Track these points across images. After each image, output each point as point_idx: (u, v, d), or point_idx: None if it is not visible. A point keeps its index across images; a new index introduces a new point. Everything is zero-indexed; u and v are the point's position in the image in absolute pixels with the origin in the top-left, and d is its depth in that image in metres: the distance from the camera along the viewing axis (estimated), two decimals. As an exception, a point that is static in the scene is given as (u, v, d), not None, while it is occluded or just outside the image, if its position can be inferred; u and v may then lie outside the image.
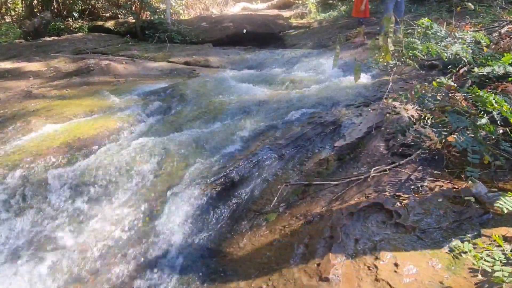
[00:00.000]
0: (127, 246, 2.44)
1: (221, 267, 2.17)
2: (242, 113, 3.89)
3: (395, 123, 3.06)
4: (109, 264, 2.37)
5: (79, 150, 3.17)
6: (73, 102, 4.42)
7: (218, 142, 3.26)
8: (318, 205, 2.31)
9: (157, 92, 4.74)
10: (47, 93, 5.03)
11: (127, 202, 2.71)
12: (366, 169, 2.51)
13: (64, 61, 7.45)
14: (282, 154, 2.97)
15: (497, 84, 2.91)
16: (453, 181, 2.12)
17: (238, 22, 11.58)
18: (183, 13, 16.22)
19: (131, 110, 4.08)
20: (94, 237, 2.51)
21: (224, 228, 2.46)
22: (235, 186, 2.69)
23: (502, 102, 2.12)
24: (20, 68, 6.91)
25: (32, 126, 3.62)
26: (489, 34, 4.57)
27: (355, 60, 4.04)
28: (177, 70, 7.10)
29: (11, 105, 4.36)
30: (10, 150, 3.17)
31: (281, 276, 1.85)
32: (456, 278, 1.53)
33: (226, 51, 8.86)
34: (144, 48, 9.48)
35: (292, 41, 10.80)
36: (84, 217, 2.70)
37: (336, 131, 3.24)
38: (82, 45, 9.53)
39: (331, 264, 1.73)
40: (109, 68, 6.78)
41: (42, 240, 2.55)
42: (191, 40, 10.76)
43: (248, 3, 18.63)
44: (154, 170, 2.94)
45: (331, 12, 14.40)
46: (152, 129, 3.67)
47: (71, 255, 2.43)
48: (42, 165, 2.95)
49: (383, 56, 3.54)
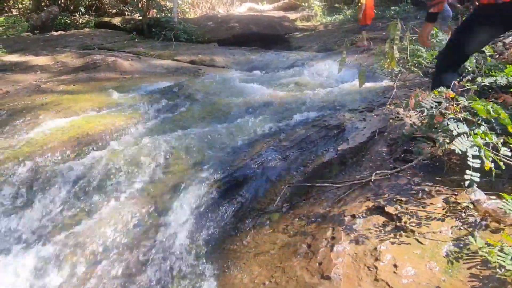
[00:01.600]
0: (133, 240, 2.50)
1: (225, 264, 2.23)
2: (248, 114, 3.96)
3: (398, 129, 3.13)
4: (114, 257, 2.43)
5: (88, 145, 3.24)
6: (81, 97, 4.50)
7: (223, 142, 3.33)
8: (320, 207, 2.37)
9: (163, 90, 4.81)
10: (55, 87, 5.11)
11: (134, 197, 2.78)
12: (368, 173, 2.57)
13: (71, 56, 7.55)
14: (286, 155, 3.03)
15: (500, 95, 2.97)
16: (452, 188, 2.18)
17: (244, 23, 11.67)
18: (189, 11, 16.32)
19: (138, 107, 4.16)
20: (99, 230, 2.56)
21: (229, 225, 2.52)
22: (240, 185, 2.76)
23: (499, 110, 2.18)
24: (28, 62, 7.00)
25: (41, 120, 3.70)
26: (494, 43, 4.63)
27: (360, 65, 4.10)
28: (182, 69, 7.18)
29: (20, 98, 4.44)
30: (20, 143, 3.24)
31: (283, 274, 1.91)
32: (453, 281, 1.59)
33: (231, 51, 8.94)
34: (150, 45, 9.58)
35: (298, 43, 10.89)
36: (91, 210, 2.76)
37: (339, 135, 3.31)
38: (88, 41, 9.63)
39: (332, 264, 1.79)
40: (115, 65, 6.86)
41: (50, 230, 2.61)
42: (196, 39, 10.85)
43: (254, 3, 18.71)
44: (160, 168, 3.01)
45: (337, 16, 14.48)
46: (159, 127, 3.74)
47: (77, 245, 2.49)
48: (51, 158, 3.03)
49: (389, 63, 3.60)
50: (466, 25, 2.50)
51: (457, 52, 2.47)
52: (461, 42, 2.44)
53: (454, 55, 2.50)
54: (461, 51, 2.47)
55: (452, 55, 2.51)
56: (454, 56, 2.51)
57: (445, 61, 2.58)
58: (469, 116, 2.31)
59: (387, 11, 10.53)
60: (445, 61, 2.58)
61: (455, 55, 2.50)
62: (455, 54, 2.48)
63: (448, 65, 2.55)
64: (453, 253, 1.72)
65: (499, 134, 2.23)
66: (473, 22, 2.40)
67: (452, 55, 2.51)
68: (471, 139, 2.07)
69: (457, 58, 2.51)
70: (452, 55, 2.51)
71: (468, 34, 2.39)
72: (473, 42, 2.41)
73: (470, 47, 2.45)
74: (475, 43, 2.41)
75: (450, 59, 2.54)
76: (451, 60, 2.53)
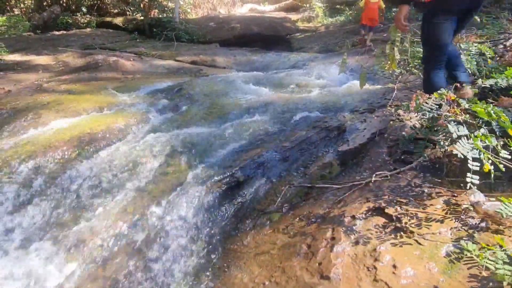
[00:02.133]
0: (134, 239, 2.51)
1: (226, 263, 2.25)
2: (248, 114, 3.97)
3: (398, 131, 3.14)
4: (114, 257, 2.43)
5: (89, 144, 3.25)
6: (82, 97, 4.51)
7: (224, 142, 3.34)
8: (320, 207, 2.38)
9: (165, 90, 4.83)
10: (56, 87, 5.13)
11: (135, 197, 2.79)
12: (368, 174, 2.58)
13: (72, 55, 7.56)
14: (286, 156, 3.05)
15: (501, 98, 2.98)
16: (452, 189, 2.20)
17: (246, 23, 11.69)
18: (190, 12, 16.34)
19: (139, 107, 4.18)
20: (99, 230, 2.57)
21: (229, 226, 2.54)
22: (240, 186, 2.77)
23: (500, 112, 2.19)
24: (30, 61, 7.02)
25: (43, 119, 3.71)
26: (495, 46, 4.64)
27: (361, 67, 4.11)
28: (184, 69, 7.20)
29: (22, 97, 4.46)
30: (22, 142, 3.26)
31: (283, 273, 1.93)
32: (452, 281, 1.60)
33: (233, 51, 8.95)
34: (151, 45, 9.60)
35: (299, 44, 10.90)
36: (92, 209, 2.77)
37: (340, 136, 3.32)
38: (90, 41, 9.65)
39: (332, 264, 1.81)
40: (117, 65, 6.88)
41: (51, 229, 2.63)
42: (198, 39, 10.87)
43: (255, 4, 18.73)
44: (161, 167, 3.03)
45: (338, 17, 14.49)
46: (160, 127, 3.75)
47: (78, 244, 2.50)
48: (53, 158, 3.04)
49: (389, 64, 3.63)
50: (424, 20, 2.68)
51: (434, 46, 2.60)
52: (430, 36, 2.63)
53: (432, 50, 2.63)
54: (436, 43, 2.59)
55: (432, 51, 2.64)
56: (434, 52, 2.63)
57: (429, 59, 2.70)
58: (469, 119, 2.33)
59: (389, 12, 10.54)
60: (429, 59, 2.70)
61: (434, 50, 2.61)
62: (433, 48, 2.61)
63: (433, 62, 2.67)
64: (452, 254, 1.73)
65: (498, 137, 2.24)
66: (428, 16, 2.62)
67: (432, 51, 2.64)
68: (471, 142, 2.08)
69: (437, 52, 2.62)
70: (431, 51, 2.65)
71: (432, 28, 2.60)
72: (438, 33, 2.57)
73: (440, 38, 2.59)
74: (440, 32, 2.57)
75: (432, 56, 2.66)
76: (433, 56, 2.65)
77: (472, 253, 1.63)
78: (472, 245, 1.66)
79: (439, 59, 2.67)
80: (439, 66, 2.70)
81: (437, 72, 2.70)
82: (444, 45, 2.61)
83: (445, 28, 2.54)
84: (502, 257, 1.54)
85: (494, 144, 2.08)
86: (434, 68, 2.70)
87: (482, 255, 1.59)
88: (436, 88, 2.57)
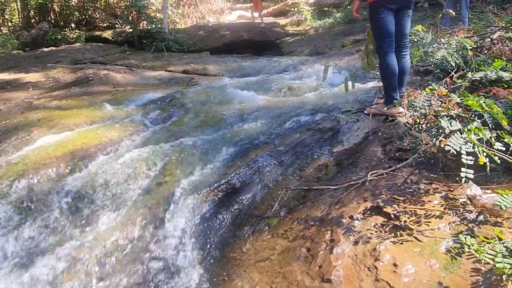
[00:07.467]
0: (130, 253, 2.48)
1: (225, 272, 2.22)
2: (242, 121, 3.96)
3: (391, 129, 3.14)
4: (111, 272, 2.40)
5: (82, 159, 3.22)
6: (74, 112, 4.48)
7: (218, 150, 3.32)
8: (318, 209, 2.37)
9: (157, 101, 4.80)
10: (47, 103, 5.08)
11: (130, 210, 2.76)
12: (365, 174, 2.57)
13: (62, 71, 7.52)
14: (282, 160, 3.03)
15: (489, 89, 3.00)
16: (448, 184, 2.19)
17: (235, 30, 11.70)
18: (179, 22, 16.38)
19: (132, 119, 4.14)
20: (96, 245, 2.54)
21: (227, 233, 2.51)
22: (237, 192, 2.75)
23: (492, 105, 2.19)
24: (19, 79, 6.96)
25: (34, 137, 3.67)
26: (482, 39, 4.67)
27: (349, 70, 4.15)
28: (175, 79, 7.17)
29: (12, 116, 4.41)
30: (14, 160, 3.22)
31: (284, 279, 1.90)
32: (453, 277, 1.58)
33: (223, 59, 8.95)
34: (142, 57, 9.58)
35: (289, 48, 10.94)
36: (87, 225, 2.74)
37: (334, 137, 3.31)
38: (80, 55, 9.62)
39: (332, 266, 1.79)
40: (107, 78, 6.84)
41: (46, 247, 2.58)
42: (188, 48, 10.86)
43: (244, 11, 18.81)
44: (156, 178, 3.00)
45: (326, 19, 14.58)
46: (153, 138, 3.72)
47: (73, 261, 2.46)
48: (45, 175, 3.00)
49: (368, 66, 3.78)
50: (370, 17, 3.31)
51: (382, 35, 3.26)
52: (378, 28, 3.26)
53: (382, 39, 3.26)
54: (383, 33, 3.24)
55: (381, 39, 3.27)
56: (384, 40, 3.25)
57: (381, 46, 3.29)
58: (461, 113, 2.33)
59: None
60: (380, 46, 3.29)
61: (383, 38, 3.25)
62: (382, 38, 3.27)
63: (384, 48, 3.26)
64: (452, 249, 1.72)
65: (491, 129, 2.25)
66: (373, 13, 3.26)
67: (381, 39, 3.27)
68: (464, 136, 2.08)
69: (385, 39, 3.25)
70: (381, 39, 3.28)
71: (376, 21, 3.26)
72: (382, 24, 3.22)
73: (385, 28, 3.22)
74: (384, 24, 3.21)
75: (382, 43, 3.27)
76: (382, 43, 3.27)
77: (471, 248, 1.62)
78: (471, 239, 1.65)
79: (389, 45, 3.25)
80: (390, 50, 3.26)
81: (390, 55, 3.25)
82: (389, 33, 3.23)
83: (386, 21, 3.20)
84: (501, 250, 1.53)
85: (488, 137, 2.08)
86: (386, 53, 3.25)
87: (481, 249, 1.58)
88: (391, 68, 3.25)
